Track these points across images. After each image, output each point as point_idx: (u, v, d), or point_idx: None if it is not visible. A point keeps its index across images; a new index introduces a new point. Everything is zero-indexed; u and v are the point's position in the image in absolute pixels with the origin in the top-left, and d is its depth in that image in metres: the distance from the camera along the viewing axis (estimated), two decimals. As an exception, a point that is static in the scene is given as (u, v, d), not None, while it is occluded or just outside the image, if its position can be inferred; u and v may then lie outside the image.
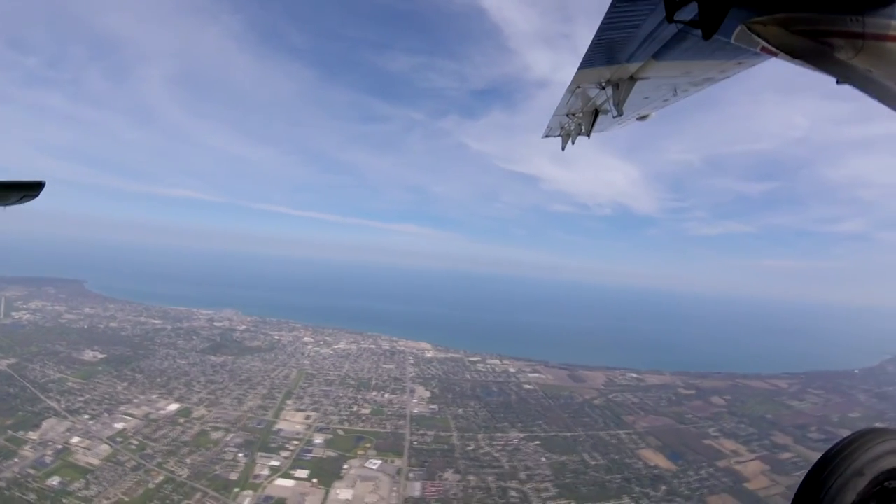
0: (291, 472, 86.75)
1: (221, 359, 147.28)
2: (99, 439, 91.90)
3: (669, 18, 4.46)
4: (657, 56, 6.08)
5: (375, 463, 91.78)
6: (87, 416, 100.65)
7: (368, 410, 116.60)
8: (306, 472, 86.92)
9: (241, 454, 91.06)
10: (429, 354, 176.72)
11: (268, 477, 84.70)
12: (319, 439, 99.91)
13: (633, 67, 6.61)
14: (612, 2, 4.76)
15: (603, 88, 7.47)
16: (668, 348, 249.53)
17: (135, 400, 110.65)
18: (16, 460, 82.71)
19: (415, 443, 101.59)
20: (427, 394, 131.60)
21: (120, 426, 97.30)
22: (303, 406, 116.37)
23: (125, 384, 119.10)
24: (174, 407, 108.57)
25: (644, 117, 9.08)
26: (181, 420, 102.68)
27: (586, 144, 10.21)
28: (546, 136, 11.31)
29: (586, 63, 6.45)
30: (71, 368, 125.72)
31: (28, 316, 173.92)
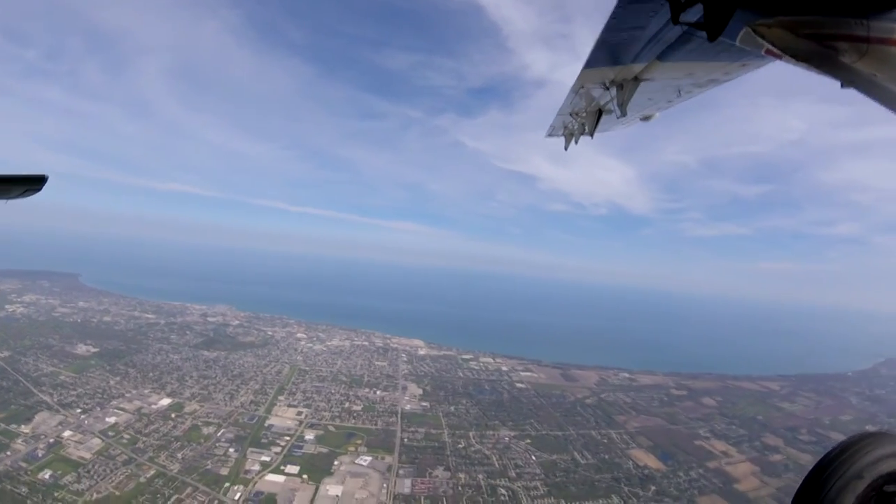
0: (282, 468, 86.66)
1: (214, 354, 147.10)
2: (91, 433, 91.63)
3: (675, 20, 4.49)
4: (662, 57, 6.10)
5: (366, 459, 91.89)
6: (80, 410, 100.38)
7: (360, 407, 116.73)
8: (297, 468, 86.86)
9: (233, 449, 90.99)
10: (422, 352, 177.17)
11: (258, 472, 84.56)
12: (311, 435, 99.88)
13: (638, 68, 6.63)
14: (618, 2, 4.76)
15: (607, 89, 7.48)
16: (661, 349, 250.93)
17: (127, 394, 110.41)
18: (8, 453, 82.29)
19: (406, 440, 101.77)
20: (419, 391, 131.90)
21: (112, 420, 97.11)
22: (295, 402, 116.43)
23: (118, 378, 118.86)
24: (166, 402, 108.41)
25: (648, 118, 9.05)
26: (173, 415, 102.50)
27: (582, 144, 10.26)
28: (549, 136, 11.31)
29: (591, 63, 6.46)
30: (64, 362, 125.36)
31: (22, 309, 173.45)
